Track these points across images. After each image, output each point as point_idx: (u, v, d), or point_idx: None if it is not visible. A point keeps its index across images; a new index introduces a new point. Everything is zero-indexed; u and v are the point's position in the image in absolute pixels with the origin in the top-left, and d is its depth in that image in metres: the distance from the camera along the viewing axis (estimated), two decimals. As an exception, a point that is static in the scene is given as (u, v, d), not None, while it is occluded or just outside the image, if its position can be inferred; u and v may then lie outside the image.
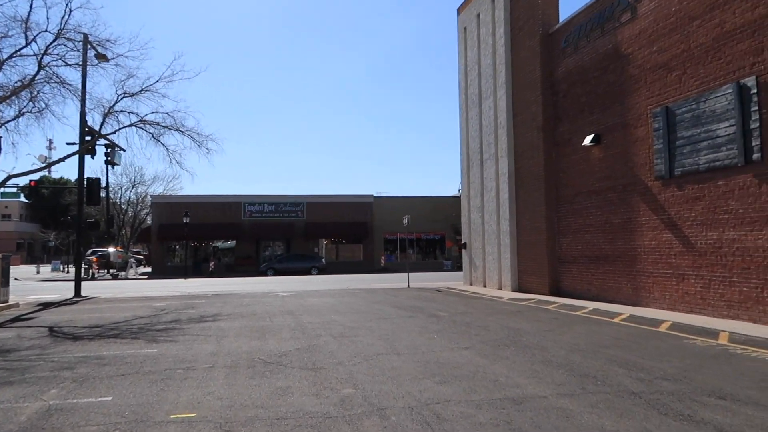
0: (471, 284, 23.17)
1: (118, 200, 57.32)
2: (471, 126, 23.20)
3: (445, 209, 49.24)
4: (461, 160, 24.42)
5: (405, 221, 24.32)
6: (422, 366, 7.56)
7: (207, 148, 19.37)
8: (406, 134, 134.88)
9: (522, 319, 12.17)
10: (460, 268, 47.73)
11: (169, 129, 18.47)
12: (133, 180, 57.99)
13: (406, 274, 35.82)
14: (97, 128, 20.01)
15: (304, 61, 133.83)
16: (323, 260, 43.19)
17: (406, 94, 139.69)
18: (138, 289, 26.20)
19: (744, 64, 11.18)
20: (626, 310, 13.17)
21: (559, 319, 12.15)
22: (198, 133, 19.17)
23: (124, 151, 27.90)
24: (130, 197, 59.13)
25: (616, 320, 11.75)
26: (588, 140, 15.62)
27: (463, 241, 23.94)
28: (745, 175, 11.07)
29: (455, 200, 50.90)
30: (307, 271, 41.06)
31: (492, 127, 21.07)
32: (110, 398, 6.25)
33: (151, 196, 52.25)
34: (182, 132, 18.79)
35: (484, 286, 21.79)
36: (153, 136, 18.91)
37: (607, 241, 15.19)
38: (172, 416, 5.54)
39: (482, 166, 22.08)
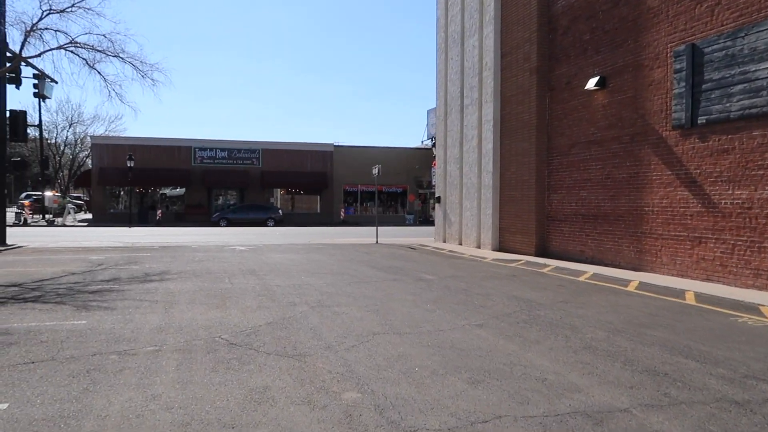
0: (444, 241, 21.64)
1: (53, 140, 52.86)
2: (451, 68, 21.17)
3: (408, 161, 47.49)
4: (437, 106, 22.46)
5: (375, 171, 22.40)
6: (437, 353, 5.85)
7: (152, 79, 16.76)
8: (370, 82, 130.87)
9: (524, 286, 10.63)
10: (422, 223, 46.46)
11: (106, 54, 15.71)
12: (69, 118, 53.50)
13: (369, 228, 34.17)
14: (17, 50, 16.99)
15: None
16: (280, 212, 40.96)
17: (375, 37, 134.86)
18: (75, 238, 23.55)
19: (794, -5, 9.57)
20: (632, 276, 11.84)
21: (565, 286, 10.67)
22: (141, 61, 16.49)
23: (56, 83, 24.74)
24: (67, 137, 54.70)
25: (630, 288, 10.36)
26: (592, 84, 13.94)
27: (437, 195, 22.28)
28: (787, 126, 9.63)
29: (418, 152, 49.19)
30: (262, 223, 38.81)
31: (476, 69, 19.13)
32: (5, 406, 4.29)
33: (90, 137, 48.24)
34: (122, 59, 16.08)
35: (460, 244, 20.30)
36: (87, 62, 16.12)
37: (607, 198, 13.75)
38: (94, 446, 3.65)
39: (462, 112, 20.21)
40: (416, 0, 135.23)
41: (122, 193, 43.44)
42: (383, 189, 47.66)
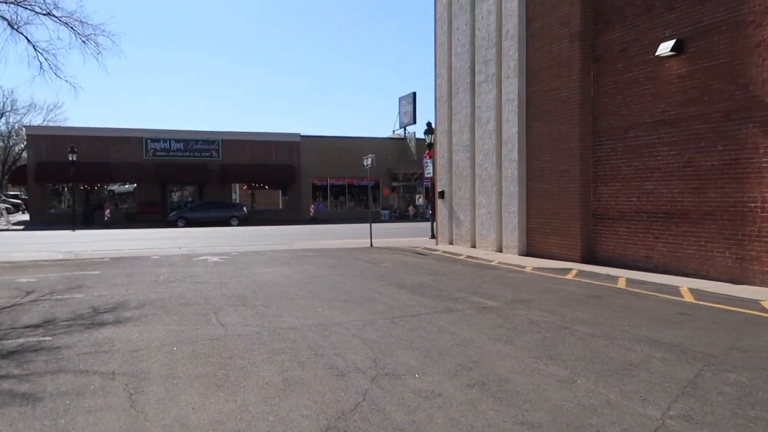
0: (451, 243, 18.67)
1: (-18, 132, 47.26)
2: (456, 39, 18.12)
3: (381, 152, 44.33)
4: (438, 86, 19.40)
5: (368, 161, 19.27)
6: None
7: (96, 44, 13.14)
8: (328, 75, 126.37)
9: (630, 315, 7.72)
10: (398, 219, 43.50)
11: (33, 11, 12.01)
12: (1, 107, 47.97)
13: (344, 225, 30.92)
14: None
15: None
16: (245, 209, 37.20)
17: (328, 27, 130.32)
18: (5, 248, 19.47)
19: None
20: (745, 292, 9.14)
21: (690, 314, 7.80)
22: (81, 22, 12.86)
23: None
24: (-1, 129, 49.12)
25: (778, 316, 7.60)
26: (666, 49, 11.16)
27: (440, 189, 19.28)
28: None
29: (391, 142, 46.09)
30: (226, 222, 35.05)
31: (493, 39, 16.15)
32: None
33: (25, 127, 43.09)
34: (56, 17, 12.41)
35: (473, 247, 17.36)
36: (9, 24, 12.38)
37: (688, 192, 11.03)
38: None
39: (474, 91, 17.23)
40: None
41: (65, 190, 38.81)
42: (354, 182, 44.46)
